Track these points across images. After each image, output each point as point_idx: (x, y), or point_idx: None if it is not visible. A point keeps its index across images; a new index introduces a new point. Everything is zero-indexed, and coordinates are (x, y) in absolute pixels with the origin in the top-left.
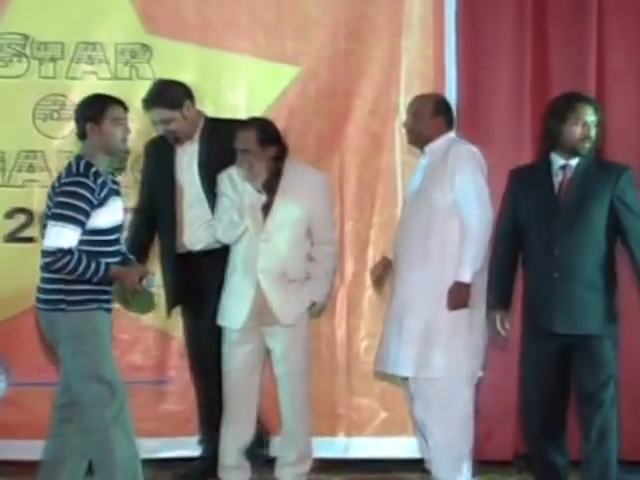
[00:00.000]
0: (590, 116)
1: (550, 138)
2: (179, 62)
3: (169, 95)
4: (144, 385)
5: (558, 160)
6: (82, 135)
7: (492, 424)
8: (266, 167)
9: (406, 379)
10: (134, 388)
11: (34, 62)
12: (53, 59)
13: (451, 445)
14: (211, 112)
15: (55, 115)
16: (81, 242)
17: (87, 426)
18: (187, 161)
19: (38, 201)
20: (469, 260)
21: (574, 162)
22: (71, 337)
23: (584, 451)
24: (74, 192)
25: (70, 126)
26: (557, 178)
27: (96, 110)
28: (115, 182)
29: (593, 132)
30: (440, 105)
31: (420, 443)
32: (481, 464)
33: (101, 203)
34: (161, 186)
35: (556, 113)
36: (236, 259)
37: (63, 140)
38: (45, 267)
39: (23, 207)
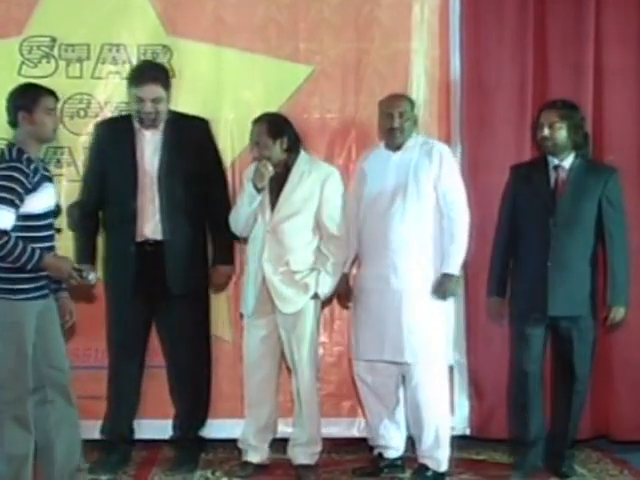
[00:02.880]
0: (548, 119)
1: (536, 142)
2: (198, 62)
3: (166, 75)
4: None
5: (552, 160)
6: (14, 123)
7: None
8: (278, 159)
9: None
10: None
11: (61, 63)
12: (79, 60)
13: (443, 424)
14: (229, 109)
15: (81, 113)
16: (14, 228)
17: None
18: (152, 149)
19: (65, 194)
20: (459, 254)
21: (567, 163)
22: None
23: (557, 424)
24: (9, 176)
25: None
26: (552, 177)
27: (29, 99)
28: (46, 169)
29: (548, 132)
30: (413, 104)
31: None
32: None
33: (34, 188)
34: (121, 170)
35: (535, 120)
36: (248, 250)
37: (89, 137)
38: None
39: None
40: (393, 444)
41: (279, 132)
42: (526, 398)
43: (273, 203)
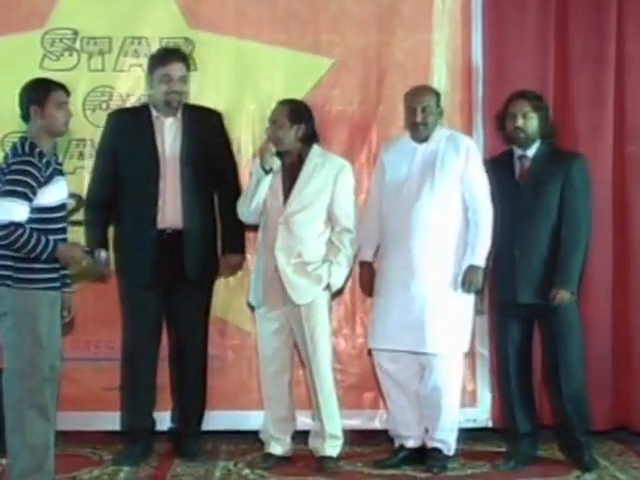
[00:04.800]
0: (521, 109)
1: (504, 133)
2: (219, 54)
3: (187, 58)
4: None
5: (517, 151)
6: (26, 117)
7: None
8: (290, 146)
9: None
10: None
11: (83, 56)
12: (101, 53)
13: (456, 410)
14: (250, 102)
15: (104, 106)
16: (28, 220)
17: (6, 400)
18: (172, 135)
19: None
20: (484, 245)
21: (530, 152)
22: (11, 312)
23: (560, 414)
24: (22, 170)
25: None
26: (517, 167)
27: (40, 94)
28: (58, 163)
29: (521, 122)
30: (439, 97)
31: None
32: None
33: (46, 181)
34: (142, 157)
35: (502, 110)
36: (260, 240)
37: None
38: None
39: (74, 192)
40: (414, 434)
41: (299, 118)
42: (508, 389)
43: (286, 195)
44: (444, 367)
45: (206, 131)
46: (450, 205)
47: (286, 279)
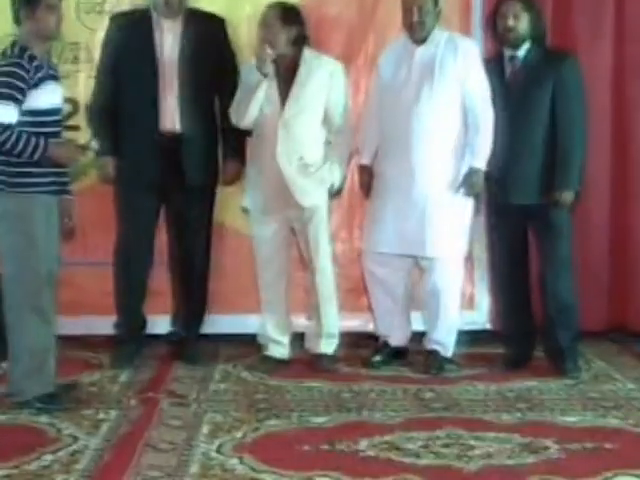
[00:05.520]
0: (512, 9)
1: (494, 33)
2: None
3: None
4: None
5: (507, 52)
6: (17, 20)
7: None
8: (281, 49)
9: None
10: None
11: None
12: None
13: (456, 313)
14: (251, 3)
15: (98, 8)
16: (20, 123)
17: (6, 304)
18: (171, 38)
19: (83, 91)
20: (485, 148)
21: (521, 53)
22: (5, 217)
23: (545, 315)
24: (9, 72)
25: None
26: (507, 69)
27: None
28: (53, 68)
29: (512, 22)
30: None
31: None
32: None
33: (36, 84)
34: (140, 59)
35: (494, 10)
36: (257, 145)
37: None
38: None
39: (69, 97)
40: (399, 334)
41: (290, 20)
42: (502, 290)
43: (282, 99)
44: (444, 270)
45: (207, 35)
46: (450, 108)
47: (291, 182)
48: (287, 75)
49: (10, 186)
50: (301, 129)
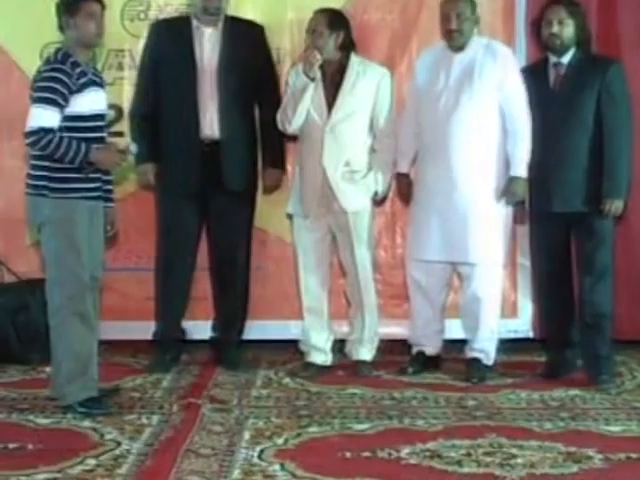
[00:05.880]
0: (557, 15)
1: (539, 39)
2: None
3: None
4: None
5: (552, 58)
6: (61, 28)
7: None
8: (329, 54)
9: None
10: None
11: None
12: None
13: (496, 320)
14: (294, 8)
15: (142, 16)
16: (63, 129)
17: (49, 308)
18: (211, 46)
19: (127, 97)
20: (524, 156)
21: (566, 59)
22: (48, 222)
23: (582, 324)
24: (51, 77)
25: None
26: (552, 75)
27: (72, 4)
28: (97, 75)
29: (557, 29)
30: (474, 4)
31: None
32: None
33: (79, 90)
34: (180, 66)
35: (539, 16)
36: (303, 151)
37: None
38: (31, 149)
39: (113, 103)
40: (434, 343)
41: (337, 25)
42: (544, 298)
43: (329, 104)
44: (484, 277)
45: (246, 43)
46: (489, 114)
47: (336, 187)
48: (334, 80)
49: (52, 192)
50: (347, 135)
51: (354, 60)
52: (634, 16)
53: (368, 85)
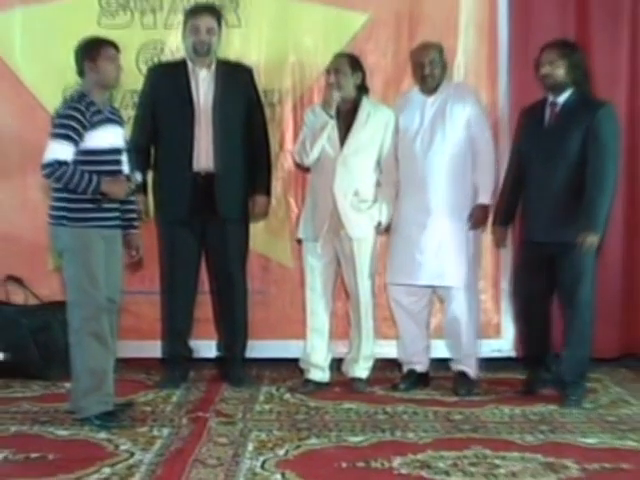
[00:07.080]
0: (548, 57)
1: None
2: (262, 11)
3: (219, 13)
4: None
5: (550, 97)
6: (81, 73)
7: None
8: (348, 93)
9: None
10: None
11: (137, 14)
12: (153, 10)
13: (476, 336)
14: (292, 55)
15: (155, 59)
16: (80, 162)
17: (70, 329)
18: (206, 86)
19: None
20: (488, 186)
21: (561, 99)
22: (67, 249)
23: (565, 343)
24: (67, 115)
25: None
26: (547, 113)
27: (93, 50)
28: (114, 114)
29: (548, 70)
30: (442, 51)
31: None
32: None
33: (93, 126)
34: (178, 105)
35: (537, 58)
36: (316, 180)
37: None
38: (47, 180)
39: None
40: (422, 360)
41: (357, 67)
42: (521, 320)
43: (342, 138)
44: (460, 299)
45: (237, 83)
46: (460, 150)
47: (344, 214)
48: (347, 117)
49: (71, 221)
50: (357, 167)
51: (365, 101)
52: (604, 60)
53: (377, 124)
